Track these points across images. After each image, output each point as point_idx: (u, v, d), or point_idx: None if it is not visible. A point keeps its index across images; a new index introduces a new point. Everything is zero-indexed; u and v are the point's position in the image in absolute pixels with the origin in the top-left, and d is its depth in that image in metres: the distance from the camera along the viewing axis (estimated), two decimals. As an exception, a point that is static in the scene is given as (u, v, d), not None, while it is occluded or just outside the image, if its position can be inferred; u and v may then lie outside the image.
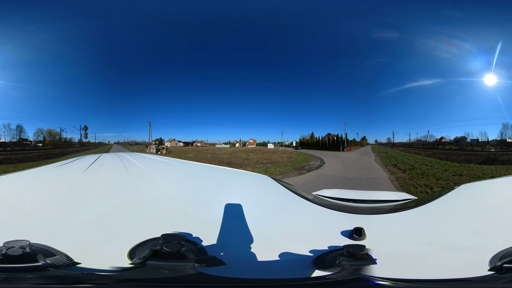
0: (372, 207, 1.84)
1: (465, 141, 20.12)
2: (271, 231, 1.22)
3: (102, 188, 1.82)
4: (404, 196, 2.33)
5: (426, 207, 1.46)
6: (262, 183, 2.02)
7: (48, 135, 19.09)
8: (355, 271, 0.85)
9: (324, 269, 0.88)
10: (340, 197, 2.07)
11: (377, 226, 1.28)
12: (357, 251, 0.89)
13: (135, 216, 1.29)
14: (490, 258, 0.91)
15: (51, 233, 1.07)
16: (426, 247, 1.07)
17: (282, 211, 1.53)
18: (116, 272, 0.85)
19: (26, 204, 1.39)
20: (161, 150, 19.45)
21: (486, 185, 1.89)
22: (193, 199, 1.59)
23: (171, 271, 0.83)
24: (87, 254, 0.93)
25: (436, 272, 0.91)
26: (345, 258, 0.87)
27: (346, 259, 0.87)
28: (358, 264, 0.86)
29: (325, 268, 0.89)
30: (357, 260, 0.87)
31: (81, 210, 1.33)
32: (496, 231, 1.15)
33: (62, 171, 2.47)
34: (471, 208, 1.46)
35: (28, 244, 0.82)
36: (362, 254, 0.88)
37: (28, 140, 18.26)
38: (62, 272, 0.80)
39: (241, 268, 0.96)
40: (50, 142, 19.56)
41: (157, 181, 2.13)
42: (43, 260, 0.80)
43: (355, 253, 0.88)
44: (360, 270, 0.86)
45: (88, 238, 1.05)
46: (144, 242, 0.97)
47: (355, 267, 0.85)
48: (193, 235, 1.06)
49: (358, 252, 0.88)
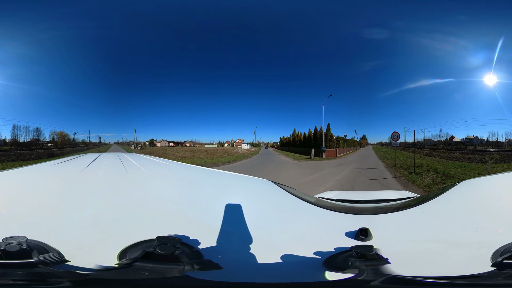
0: (375, 207, 1.83)
1: (478, 141, 20.01)
2: (273, 234, 1.20)
3: (101, 187, 1.82)
4: (406, 195, 2.33)
5: (428, 205, 1.46)
6: (262, 187, 2.01)
7: (60, 137, 23.62)
8: (375, 271, 0.84)
9: (337, 271, 0.87)
10: (342, 198, 2.06)
11: (381, 225, 1.28)
12: (366, 252, 0.88)
13: (132, 217, 1.29)
14: (491, 254, 0.91)
15: (48, 230, 1.07)
16: (432, 244, 1.07)
17: (284, 214, 1.52)
18: (96, 271, 0.84)
19: (26, 200, 1.39)
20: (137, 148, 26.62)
21: (487, 181, 1.89)
22: (192, 202, 1.58)
23: (154, 273, 0.82)
24: (80, 252, 0.93)
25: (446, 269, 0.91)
26: (357, 259, 0.86)
27: (358, 260, 0.86)
28: (374, 264, 0.85)
29: (338, 269, 0.87)
30: (370, 260, 0.86)
31: (79, 208, 1.33)
32: (497, 226, 1.15)
33: (62, 168, 2.46)
34: (472, 204, 1.47)
35: (25, 240, 0.83)
36: (372, 255, 0.87)
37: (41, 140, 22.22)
38: (48, 270, 0.81)
39: (240, 272, 0.94)
40: (62, 143, 23.87)
41: (156, 183, 2.12)
42: (37, 257, 0.81)
43: (365, 253, 0.87)
44: (378, 270, 0.85)
45: (83, 236, 1.05)
46: (138, 244, 0.96)
47: (372, 268, 0.84)
48: (190, 238, 1.05)
49: (368, 253, 0.87)
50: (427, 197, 1.63)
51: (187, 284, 0.83)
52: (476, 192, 1.68)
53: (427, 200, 1.52)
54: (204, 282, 0.85)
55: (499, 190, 1.69)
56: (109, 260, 0.89)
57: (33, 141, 21.52)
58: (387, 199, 2.22)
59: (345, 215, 1.46)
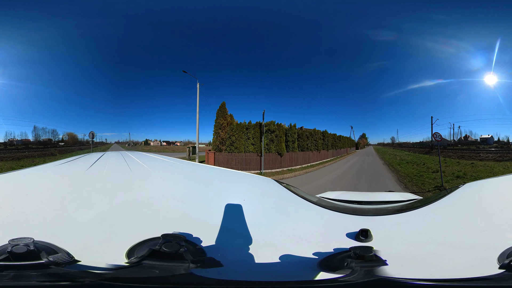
0: (377, 209, 1.82)
1: (492, 140, 19.57)
2: (274, 233, 1.21)
3: (105, 186, 1.83)
4: (409, 197, 2.32)
5: (431, 207, 1.45)
6: (265, 185, 2.01)
7: (70, 137, 28.36)
8: (367, 272, 0.83)
9: (331, 271, 0.87)
10: (344, 199, 2.06)
11: (383, 227, 1.27)
12: (365, 253, 0.87)
13: (137, 215, 1.30)
14: (497, 256, 0.90)
15: (54, 230, 1.08)
16: (434, 246, 1.06)
17: (285, 213, 1.52)
18: (110, 270, 0.85)
19: (31, 201, 1.40)
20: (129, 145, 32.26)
21: (491, 183, 1.87)
22: (195, 200, 1.59)
23: (163, 271, 0.83)
24: (88, 252, 0.93)
25: (447, 271, 0.90)
26: (353, 260, 0.86)
27: (355, 261, 0.86)
28: (369, 266, 0.85)
29: (332, 270, 0.87)
30: (367, 261, 0.86)
31: (84, 208, 1.34)
32: (502, 228, 1.14)
33: (66, 168, 2.49)
34: (476, 207, 1.45)
35: (32, 241, 0.83)
36: (370, 256, 0.87)
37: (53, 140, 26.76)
38: (62, 270, 0.81)
39: (241, 270, 0.95)
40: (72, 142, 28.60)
41: (160, 181, 2.13)
42: (46, 258, 0.81)
43: (363, 254, 0.87)
44: (372, 271, 0.84)
45: (89, 236, 1.06)
46: (143, 242, 0.97)
47: (367, 269, 0.84)
48: (194, 236, 1.06)
49: (366, 254, 0.87)
50: (430, 200, 1.62)
51: (192, 281, 0.84)
52: (480, 194, 1.66)
53: (430, 202, 1.51)
54: (208, 280, 0.85)
55: (503, 192, 1.67)
56: (118, 259, 0.90)
57: (45, 141, 25.72)
58: (389, 200, 2.21)
59: (347, 215, 1.46)
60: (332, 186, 12.41)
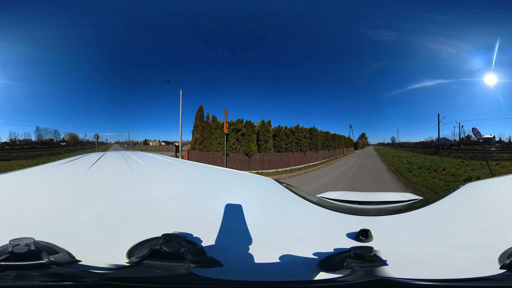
0: (378, 209, 1.82)
1: (494, 140, 19.53)
2: (275, 233, 1.21)
3: (105, 186, 1.83)
4: (409, 197, 2.31)
5: (432, 207, 1.44)
6: (265, 185, 2.01)
7: (71, 137, 28.56)
8: (367, 273, 0.83)
9: (332, 271, 0.87)
10: (344, 199, 2.06)
11: (383, 227, 1.27)
12: (365, 253, 0.87)
13: (137, 215, 1.30)
14: (498, 256, 0.90)
15: (55, 230, 1.08)
16: (434, 246, 1.06)
17: (285, 213, 1.52)
18: (111, 270, 0.85)
19: (31, 201, 1.41)
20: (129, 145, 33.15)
21: (491, 183, 1.87)
22: (195, 200, 1.59)
23: (164, 271, 0.83)
24: (89, 252, 0.93)
25: (448, 271, 0.90)
26: (353, 260, 0.86)
27: (355, 261, 0.86)
28: (369, 266, 0.84)
29: (332, 270, 0.87)
30: (367, 262, 0.86)
31: (84, 208, 1.34)
32: (503, 229, 1.13)
33: (67, 168, 2.49)
34: (477, 207, 1.45)
35: (33, 241, 0.83)
36: (370, 256, 0.87)
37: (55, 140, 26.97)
38: (64, 270, 0.81)
39: (240, 270, 0.95)
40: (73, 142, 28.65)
41: (160, 181, 2.13)
42: (47, 258, 0.82)
43: (363, 254, 0.87)
44: (372, 271, 0.84)
45: (90, 236, 1.06)
46: (144, 242, 0.97)
47: (367, 269, 0.84)
48: (194, 236, 1.06)
49: (366, 254, 0.87)
50: (431, 200, 1.62)
51: (193, 281, 0.84)
52: (481, 194, 1.65)
53: (431, 202, 1.51)
54: (208, 280, 0.86)
55: (503, 192, 1.66)
56: (118, 259, 0.90)
57: (47, 140, 26.02)
58: (390, 200, 2.21)
59: (347, 215, 1.45)
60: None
